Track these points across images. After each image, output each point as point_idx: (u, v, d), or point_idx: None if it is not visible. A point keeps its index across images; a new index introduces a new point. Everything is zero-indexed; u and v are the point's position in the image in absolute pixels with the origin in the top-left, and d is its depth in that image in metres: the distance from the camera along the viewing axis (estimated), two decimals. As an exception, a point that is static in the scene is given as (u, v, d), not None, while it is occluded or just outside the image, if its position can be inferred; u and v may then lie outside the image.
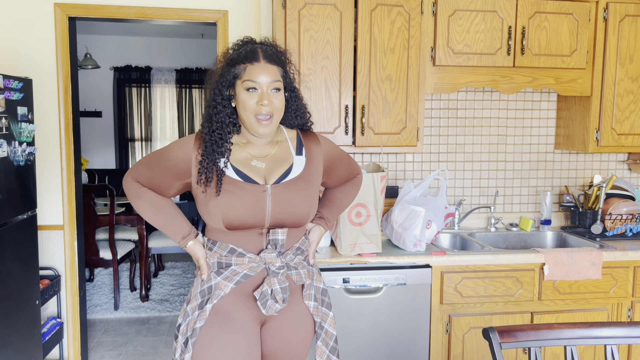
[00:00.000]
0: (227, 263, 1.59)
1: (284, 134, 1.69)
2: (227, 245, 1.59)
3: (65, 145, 2.98)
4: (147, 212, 1.66)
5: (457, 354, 2.43)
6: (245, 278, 1.57)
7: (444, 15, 2.55)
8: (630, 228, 2.75)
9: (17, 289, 2.54)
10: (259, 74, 1.54)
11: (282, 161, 1.63)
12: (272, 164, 1.62)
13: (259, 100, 1.53)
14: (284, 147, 1.66)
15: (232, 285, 1.57)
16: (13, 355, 2.49)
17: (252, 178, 1.57)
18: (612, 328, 1.47)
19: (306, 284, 1.66)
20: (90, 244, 4.19)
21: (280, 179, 1.59)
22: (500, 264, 2.42)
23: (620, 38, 2.68)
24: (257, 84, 1.53)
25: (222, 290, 1.57)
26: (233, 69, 1.56)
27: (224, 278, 1.58)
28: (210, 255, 1.62)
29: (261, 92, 1.54)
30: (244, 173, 1.57)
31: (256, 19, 2.96)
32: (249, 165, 1.59)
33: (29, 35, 2.89)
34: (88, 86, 6.30)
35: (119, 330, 3.92)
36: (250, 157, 1.61)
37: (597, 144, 2.76)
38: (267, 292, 1.55)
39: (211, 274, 1.60)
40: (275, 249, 1.57)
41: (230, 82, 1.57)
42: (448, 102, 2.97)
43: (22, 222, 2.61)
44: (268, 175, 1.60)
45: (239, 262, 1.58)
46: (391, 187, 2.91)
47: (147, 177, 1.64)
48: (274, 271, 1.56)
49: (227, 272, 1.58)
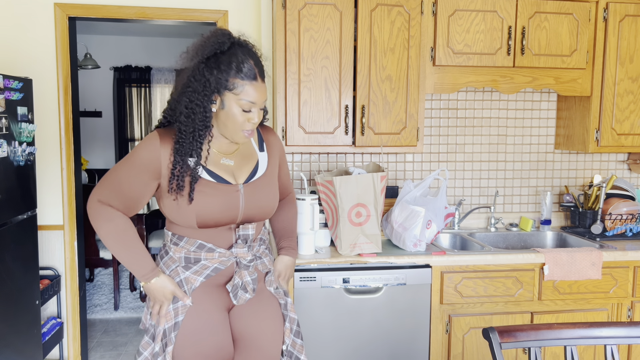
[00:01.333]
0: (196, 258, 1.62)
1: None
2: (195, 241, 1.61)
3: (65, 145, 2.98)
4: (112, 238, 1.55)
5: (457, 354, 2.43)
6: (216, 272, 1.62)
7: (444, 15, 2.55)
8: (630, 228, 2.75)
9: (17, 289, 2.54)
10: (258, 96, 1.54)
11: (248, 157, 1.68)
12: (240, 161, 1.66)
13: (250, 119, 1.55)
14: (247, 144, 1.70)
15: (201, 279, 1.61)
16: (13, 355, 2.49)
17: (224, 178, 1.60)
18: (612, 328, 1.47)
19: (270, 271, 1.75)
20: (90, 244, 4.19)
21: (250, 177, 1.65)
22: (500, 264, 2.42)
23: (620, 38, 2.68)
24: (254, 106, 1.54)
25: (192, 284, 1.60)
26: (225, 79, 1.50)
27: (193, 272, 1.61)
28: (176, 250, 1.63)
29: (255, 112, 1.56)
30: (215, 173, 1.59)
31: (256, 19, 2.96)
32: (218, 164, 1.61)
33: (29, 35, 2.89)
34: (88, 86, 6.30)
35: (119, 330, 3.92)
36: (218, 154, 1.63)
37: (597, 144, 2.76)
38: (239, 284, 1.62)
39: (178, 268, 1.62)
40: (245, 243, 1.63)
41: (218, 90, 1.52)
42: (448, 102, 2.97)
43: (22, 222, 2.61)
44: (237, 172, 1.64)
45: (209, 257, 1.61)
46: (391, 187, 2.91)
47: (117, 194, 1.54)
48: (245, 264, 1.63)
49: (196, 266, 1.61)
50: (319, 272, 2.28)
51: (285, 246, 1.85)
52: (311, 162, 2.89)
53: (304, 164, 2.89)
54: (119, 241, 1.56)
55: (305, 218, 2.29)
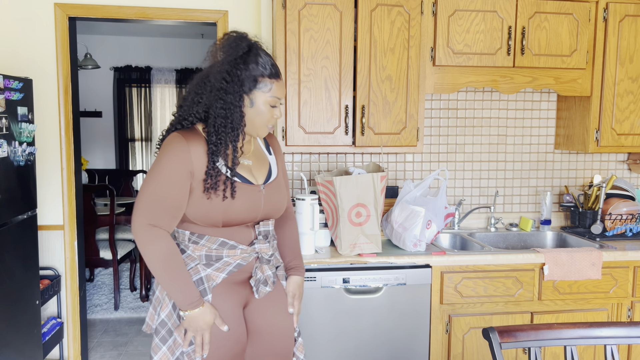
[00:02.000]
0: (218, 256, 1.64)
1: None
2: (216, 239, 1.64)
3: (65, 145, 2.98)
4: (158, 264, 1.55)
5: (457, 354, 2.43)
6: (238, 267, 1.67)
7: (444, 15, 2.55)
8: (630, 228, 2.75)
9: (17, 289, 2.54)
10: (283, 91, 1.69)
11: (262, 159, 1.77)
12: (256, 162, 1.74)
13: (276, 114, 1.68)
14: (257, 144, 1.80)
15: (224, 275, 1.65)
16: (13, 355, 2.49)
17: (247, 178, 1.67)
18: (612, 328, 1.48)
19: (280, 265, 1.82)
20: (90, 244, 4.19)
21: (267, 178, 1.73)
22: (500, 264, 2.42)
23: (620, 38, 2.68)
24: (279, 101, 1.68)
25: (214, 281, 1.64)
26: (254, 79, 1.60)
27: (215, 269, 1.64)
28: (196, 248, 1.64)
29: (278, 107, 1.69)
30: (239, 174, 1.65)
31: (256, 19, 2.96)
32: (242, 165, 1.68)
33: (29, 35, 2.89)
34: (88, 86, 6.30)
35: (119, 330, 3.92)
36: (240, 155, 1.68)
37: (597, 144, 2.76)
38: (260, 279, 1.68)
39: (198, 266, 1.63)
40: (265, 239, 1.70)
41: (250, 89, 1.61)
42: (448, 102, 2.97)
43: (22, 222, 2.61)
44: (256, 172, 1.72)
45: (231, 254, 1.65)
46: (391, 187, 2.91)
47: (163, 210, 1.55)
48: (267, 259, 1.70)
49: (218, 263, 1.64)
50: (319, 272, 2.28)
51: (294, 266, 1.87)
52: (311, 162, 2.89)
53: (304, 164, 2.89)
54: (164, 267, 1.56)
55: (305, 218, 2.29)
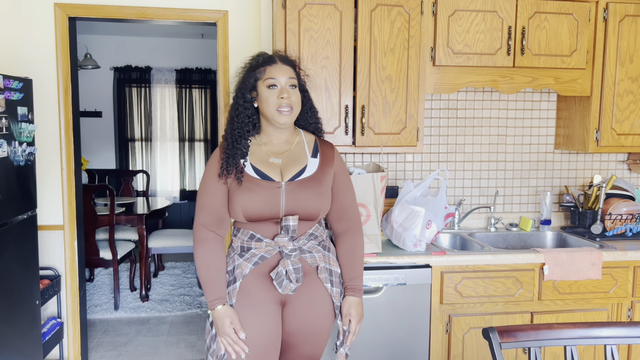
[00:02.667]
0: (248, 247, 1.78)
1: (301, 136, 1.89)
2: (247, 232, 1.78)
3: (65, 145, 2.98)
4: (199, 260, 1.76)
5: (457, 354, 2.43)
6: (262, 260, 1.75)
7: (444, 16, 2.55)
8: (630, 228, 2.75)
9: (17, 289, 2.54)
10: (277, 72, 1.77)
11: (298, 160, 1.82)
12: (289, 161, 1.81)
13: (279, 94, 1.75)
14: (300, 148, 1.86)
15: (251, 265, 1.75)
16: (13, 355, 2.49)
17: (268, 175, 1.76)
18: (612, 328, 1.48)
19: (320, 267, 1.80)
20: (90, 244, 4.19)
21: (295, 176, 1.78)
22: (500, 264, 2.42)
23: (620, 38, 2.68)
24: (276, 81, 1.76)
25: (243, 270, 1.75)
26: (253, 74, 1.79)
27: (244, 259, 1.77)
28: (235, 240, 1.83)
29: (281, 88, 1.76)
30: (261, 171, 1.77)
31: (256, 19, 2.96)
32: (267, 163, 1.79)
33: (29, 35, 2.89)
34: (88, 86, 6.29)
35: (119, 330, 3.92)
36: (268, 154, 1.81)
37: (597, 144, 2.76)
38: (282, 273, 1.72)
39: (235, 255, 1.80)
40: (287, 234, 1.73)
41: (252, 85, 1.79)
42: (448, 102, 2.97)
43: (22, 222, 2.61)
44: (284, 171, 1.79)
45: (257, 246, 1.77)
46: (391, 187, 2.91)
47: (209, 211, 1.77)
48: (287, 254, 1.74)
49: (247, 254, 1.77)
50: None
51: (351, 287, 1.85)
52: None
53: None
54: (203, 264, 1.76)
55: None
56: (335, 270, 1.84)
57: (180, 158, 6.76)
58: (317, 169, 1.82)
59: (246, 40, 2.97)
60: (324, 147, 1.89)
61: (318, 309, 1.80)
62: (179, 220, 6.75)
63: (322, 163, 1.84)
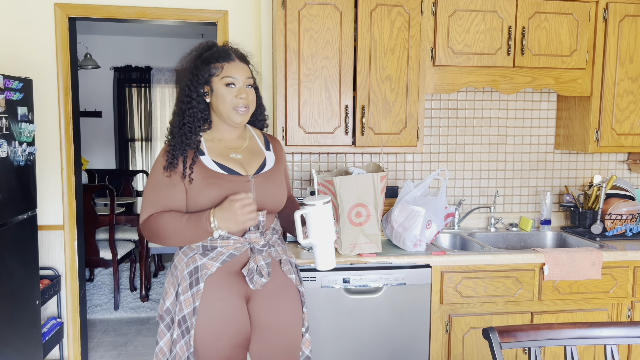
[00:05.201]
0: (213, 246, 1.73)
1: (251, 132, 1.90)
2: None
3: (65, 145, 2.98)
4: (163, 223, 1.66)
5: (457, 354, 2.43)
6: (231, 257, 1.72)
7: (444, 16, 2.55)
8: (630, 228, 2.75)
9: (17, 289, 2.54)
10: (236, 71, 1.74)
11: (256, 154, 1.84)
12: (248, 156, 1.81)
13: (237, 94, 1.73)
14: (254, 142, 1.88)
15: (218, 264, 1.71)
16: (13, 355, 2.49)
17: (233, 169, 1.74)
18: (612, 328, 1.48)
19: (283, 259, 1.84)
20: (90, 244, 4.19)
21: (259, 170, 1.79)
22: (500, 264, 2.42)
23: (620, 38, 2.68)
24: (235, 80, 1.74)
25: (209, 270, 1.71)
26: (208, 68, 1.74)
27: (209, 259, 1.72)
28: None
29: (239, 87, 1.74)
30: (225, 166, 1.74)
31: (256, 19, 2.96)
32: (227, 158, 1.77)
33: (29, 35, 2.89)
34: (88, 86, 6.29)
35: (119, 330, 3.92)
36: (226, 150, 1.79)
37: (597, 144, 2.76)
38: (254, 269, 1.71)
39: (195, 255, 1.73)
40: (257, 229, 1.74)
41: (206, 80, 1.74)
42: (448, 102, 2.97)
43: (22, 222, 2.61)
44: (246, 165, 1.78)
45: (225, 244, 1.72)
46: (391, 187, 2.91)
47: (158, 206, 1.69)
48: (259, 249, 1.74)
49: (212, 253, 1.72)
50: (319, 271, 2.28)
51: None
52: (311, 162, 2.89)
53: (304, 164, 2.89)
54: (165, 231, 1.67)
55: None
56: (292, 261, 1.90)
57: (180, 158, 6.75)
58: (275, 162, 1.87)
59: (246, 40, 2.97)
60: (274, 142, 1.94)
61: (287, 301, 1.82)
62: (179, 220, 6.74)
63: (277, 156, 1.90)
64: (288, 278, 1.83)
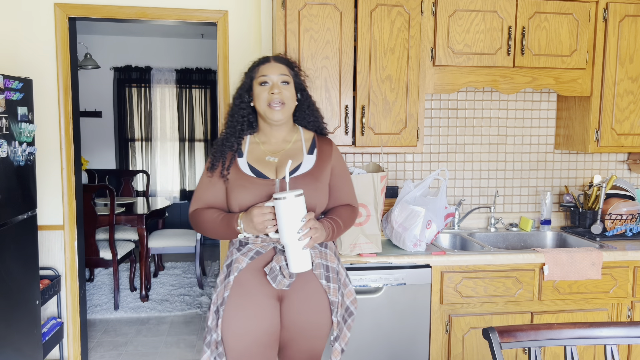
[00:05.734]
0: (246, 242, 1.81)
1: (299, 134, 1.92)
2: None
3: (65, 145, 2.98)
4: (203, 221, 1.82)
5: (457, 354, 2.43)
6: (257, 254, 1.78)
7: (444, 16, 2.55)
8: (630, 228, 2.75)
9: (17, 289, 2.54)
10: (269, 69, 1.83)
11: (293, 157, 1.84)
12: (284, 159, 1.83)
13: (270, 90, 1.80)
14: (298, 146, 1.89)
15: (247, 260, 1.78)
16: (13, 355, 2.49)
17: (263, 173, 1.81)
18: (612, 328, 1.48)
19: (315, 263, 1.80)
20: (90, 244, 4.19)
21: (290, 174, 1.78)
22: (500, 264, 2.42)
23: (620, 38, 2.68)
24: (268, 77, 1.82)
25: (240, 264, 1.78)
26: (250, 74, 1.87)
27: (242, 254, 1.80)
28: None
29: (272, 84, 1.81)
30: (256, 169, 1.81)
31: (256, 19, 2.96)
32: (263, 161, 1.83)
33: (29, 35, 2.89)
34: (88, 86, 6.29)
35: (119, 330, 3.92)
36: (265, 153, 1.86)
37: (597, 144, 2.76)
38: (276, 268, 1.74)
39: (233, 250, 1.84)
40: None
41: (249, 85, 1.87)
42: (448, 102, 2.97)
43: (22, 222, 2.61)
44: (280, 169, 1.82)
45: (254, 242, 1.80)
46: (391, 187, 2.91)
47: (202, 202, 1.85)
48: (281, 249, 1.76)
49: (244, 249, 1.80)
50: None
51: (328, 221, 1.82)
52: (311, 162, 2.89)
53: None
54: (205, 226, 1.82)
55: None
56: (332, 266, 1.82)
57: (180, 158, 6.75)
58: (314, 166, 1.84)
59: (246, 40, 2.97)
60: (322, 144, 1.91)
61: (314, 305, 1.81)
62: (179, 220, 6.75)
63: (319, 159, 1.86)
64: (319, 282, 1.81)
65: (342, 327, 1.84)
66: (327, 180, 1.86)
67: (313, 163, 1.85)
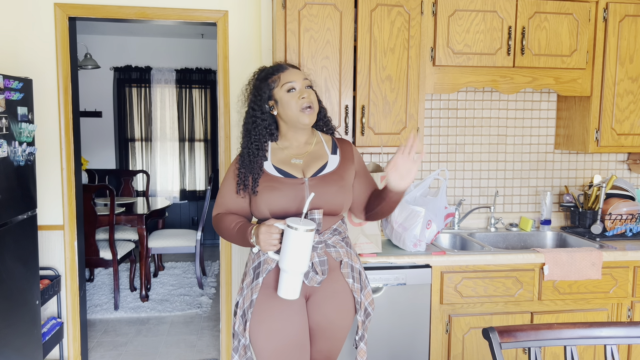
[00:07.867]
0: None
1: (319, 137, 1.95)
2: None
3: (65, 145, 2.98)
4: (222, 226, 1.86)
5: (457, 354, 2.43)
6: None
7: (444, 16, 2.55)
8: (630, 228, 2.75)
9: (17, 289, 2.54)
10: (293, 76, 1.85)
11: (318, 158, 1.88)
12: (310, 160, 1.87)
13: (299, 95, 1.82)
14: (320, 147, 1.92)
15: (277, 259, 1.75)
16: (13, 355, 2.49)
17: (291, 173, 1.83)
18: (612, 328, 1.48)
19: (343, 262, 1.84)
20: (90, 244, 4.19)
21: (317, 172, 1.84)
22: (500, 264, 2.42)
23: (620, 38, 2.68)
24: (294, 84, 1.83)
25: (270, 265, 1.78)
26: (267, 84, 1.85)
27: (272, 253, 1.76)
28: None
29: (300, 89, 1.83)
30: (283, 170, 1.83)
31: (256, 19, 2.96)
32: (288, 163, 1.86)
33: (29, 35, 2.89)
34: (88, 86, 6.29)
35: (119, 330, 3.92)
36: (289, 156, 1.88)
37: (597, 144, 2.76)
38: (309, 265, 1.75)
39: (260, 252, 1.81)
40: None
41: (269, 95, 1.85)
42: (448, 102, 2.97)
43: (22, 222, 2.61)
44: (306, 169, 1.85)
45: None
46: (391, 187, 2.90)
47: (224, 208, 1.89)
48: (313, 246, 1.77)
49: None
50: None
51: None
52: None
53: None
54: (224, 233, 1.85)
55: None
56: (356, 267, 1.88)
57: (180, 158, 6.76)
58: (338, 165, 1.88)
59: (246, 40, 2.97)
60: (343, 145, 1.96)
61: (339, 304, 1.83)
62: (179, 220, 6.75)
63: (343, 159, 1.91)
64: (345, 282, 1.85)
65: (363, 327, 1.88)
66: (351, 179, 1.91)
67: (337, 162, 1.89)
